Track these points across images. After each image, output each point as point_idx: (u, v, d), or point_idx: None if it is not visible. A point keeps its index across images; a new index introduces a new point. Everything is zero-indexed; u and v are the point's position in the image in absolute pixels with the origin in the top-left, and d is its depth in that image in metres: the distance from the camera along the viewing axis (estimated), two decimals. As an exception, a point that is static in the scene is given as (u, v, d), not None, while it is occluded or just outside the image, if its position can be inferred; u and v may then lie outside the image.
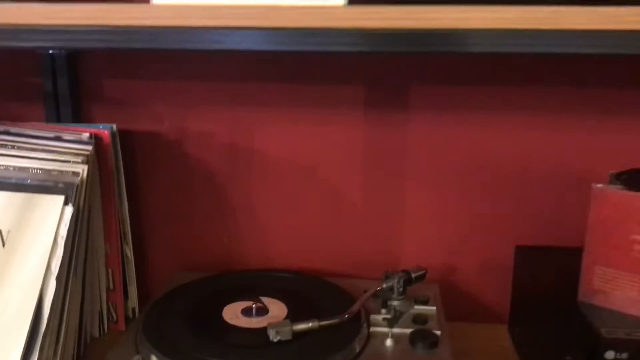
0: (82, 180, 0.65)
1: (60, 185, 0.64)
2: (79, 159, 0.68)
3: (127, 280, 0.81)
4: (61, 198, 0.63)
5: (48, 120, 0.84)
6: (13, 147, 0.71)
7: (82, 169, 0.66)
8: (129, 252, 0.80)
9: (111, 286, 0.78)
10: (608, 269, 0.58)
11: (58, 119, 0.83)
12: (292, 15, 0.44)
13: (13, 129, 0.76)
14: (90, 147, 0.70)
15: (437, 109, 0.80)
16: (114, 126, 0.77)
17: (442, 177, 0.82)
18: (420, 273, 0.73)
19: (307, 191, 0.84)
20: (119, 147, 0.77)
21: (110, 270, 0.77)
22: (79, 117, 0.84)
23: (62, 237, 0.62)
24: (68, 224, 0.63)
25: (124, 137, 0.83)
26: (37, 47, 0.58)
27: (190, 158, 0.85)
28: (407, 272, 0.72)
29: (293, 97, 0.82)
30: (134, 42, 0.46)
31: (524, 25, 0.41)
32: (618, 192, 0.57)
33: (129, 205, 0.79)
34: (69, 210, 0.63)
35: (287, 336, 0.61)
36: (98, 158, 0.73)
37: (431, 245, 0.84)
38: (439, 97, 0.79)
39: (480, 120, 0.80)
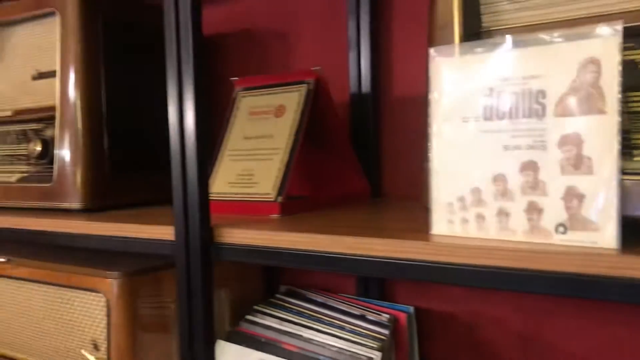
0: (375, 367, 0.72)
1: (357, 369, 0.72)
2: (375, 344, 0.75)
3: None
4: (356, 383, 0.71)
5: (358, 291, 0.95)
6: (327, 323, 0.83)
7: (377, 355, 0.73)
8: None
9: None
10: None
11: (366, 292, 0.94)
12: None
13: (330, 302, 0.89)
14: (387, 332, 0.78)
15: None
16: (412, 308, 0.83)
17: None
18: None
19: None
20: (414, 330, 0.82)
21: None
22: (383, 292, 0.94)
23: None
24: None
25: (423, 314, 0.88)
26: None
27: (482, 342, 0.85)
28: None
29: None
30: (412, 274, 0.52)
31: None
32: None
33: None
34: (362, 394, 0.70)
35: None
36: (394, 338, 0.80)
37: None
38: None
39: None
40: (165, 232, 0.67)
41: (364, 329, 0.80)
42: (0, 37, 0.94)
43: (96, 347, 0.83)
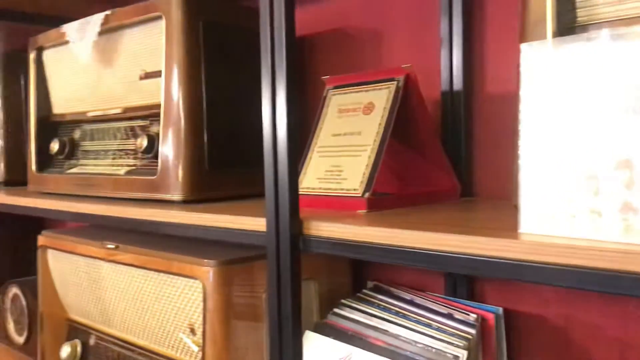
0: (460, 366, 0.72)
1: (442, 367, 0.72)
2: (462, 343, 0.75)
3: None
4: (440, 381, 0.71)
5: (446, 291, 0.95)
6: (414, 320, 0.83)
7: (463, 354, 0.73)
8: None
9: None
10: None
11: (454, 292, 0.93)
12: None
13: (417, 300, 0.89)
14: (474, 332, 0.77)
15: None
16: (500, 310, 0.82)
17: None
18: None
19: None
20: (503, 332, 0.81)
21: None
22: (472, 292, 0.92)
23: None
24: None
25: (511, 316, 0.86)
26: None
27: (575, 348, 0.82)
28: None
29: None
30: (500, 272, 0.52)
31: None
32: None
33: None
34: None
35: None
36: (482, 339, 0.79)
37: None
38: None
39: None
40: (257, 224, 0.70)
41: (450, 328, 0.79)
42: (113, 39, 1.01)
43: (193, 332, 0.89)
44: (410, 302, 0.88)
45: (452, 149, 0.92)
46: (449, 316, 0.82)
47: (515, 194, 0.54)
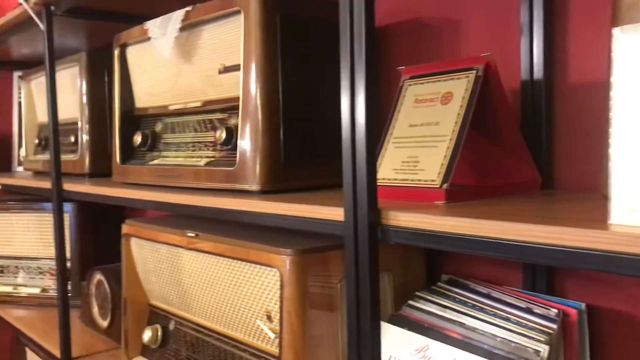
0: (542, 361, 0.70)
1: (522, 361, 0.70)
2: (543, 337, 0.73)
3: None
4: (520, 375, 0.69)
5: (524, 285, 0.92)
6: (491, 314, 0.82)
7: (544, 349, 0.71)
8: None
9: None
10: None
11: (533, 287, 0.91)
12: None
13: (494, 293, 0.88)
14: (555, 326, 0.75)
15: None
16: (583, 305, 0.79)
17: None
18: None
19: None
20: (585, 327, 0.78)
21: None
22: (552, 288, 0.90)
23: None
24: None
25: (594, 313, 0.83)
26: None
27: (665, 348, 0.78)
28: None
29: None
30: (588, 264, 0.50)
31: None
32: None
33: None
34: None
35: None
36: (563, 335, 0.77)
37: None
38: None
39: None
40: (335, 213, 0.71)
41: (530, 322, 0.77)
42: (194, 35, 1.05)
43: (269, 319, 0.91)
44: (487, 296, 0.87)
45: (532, 139, 0.89)
46: (528, 310, 0.80)
47: (605, 183, 0.52)
